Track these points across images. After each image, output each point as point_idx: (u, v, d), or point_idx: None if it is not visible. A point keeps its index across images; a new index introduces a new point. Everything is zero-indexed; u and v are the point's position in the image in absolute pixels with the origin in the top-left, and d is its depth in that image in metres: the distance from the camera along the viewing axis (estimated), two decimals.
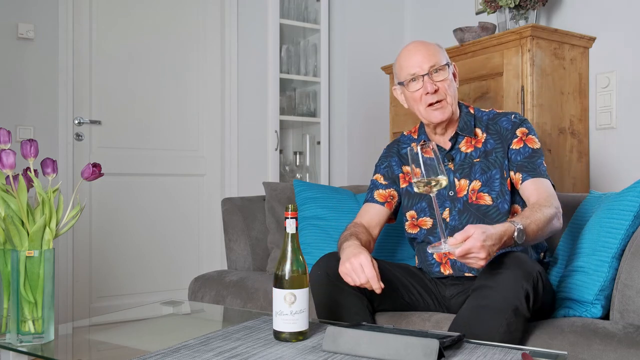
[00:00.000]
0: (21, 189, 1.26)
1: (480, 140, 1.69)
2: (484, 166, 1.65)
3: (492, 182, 1.63)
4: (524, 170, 1.60)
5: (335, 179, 3.55)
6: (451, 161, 1.69)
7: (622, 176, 2.56)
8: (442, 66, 1.64)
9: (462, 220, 1.63)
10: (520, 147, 1.64)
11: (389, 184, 1.79)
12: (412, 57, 1.65)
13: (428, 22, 3.58)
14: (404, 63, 1.67)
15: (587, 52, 2.69)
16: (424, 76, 1.62)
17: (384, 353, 1.10)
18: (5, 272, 1.31)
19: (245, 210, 2.41)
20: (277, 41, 3.40)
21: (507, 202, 1.62)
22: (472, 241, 1.25)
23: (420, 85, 1.64)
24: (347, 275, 1.43)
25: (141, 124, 3.18)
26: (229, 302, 2.08)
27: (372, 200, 1.79)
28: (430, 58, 1.63)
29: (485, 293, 1.35)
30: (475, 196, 1.64)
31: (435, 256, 1.68)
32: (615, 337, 1.30)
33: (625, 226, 1.48)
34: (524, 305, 1.32)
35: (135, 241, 3.15)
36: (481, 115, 1.74)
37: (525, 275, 1.34)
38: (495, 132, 1.69)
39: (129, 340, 1.48)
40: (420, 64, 1.63)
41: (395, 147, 1.85)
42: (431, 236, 1.70)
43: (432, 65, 1.62)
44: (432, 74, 1.62)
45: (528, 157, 1.62)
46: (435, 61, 1.63)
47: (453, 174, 1.67)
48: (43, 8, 2.88)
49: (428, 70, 1.62)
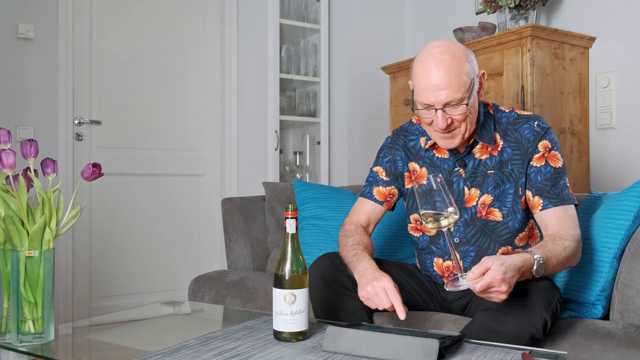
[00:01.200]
0: (21, 189, 1.26)
1: (497, 148, 1.54)
2: (498, 179, 1.52)
3: (504, 197, 1.51)
4: (546, 195, 1.46)
5: (335, 179, 3.55)
6: (463, 167, 1.55)
7: (622, 176, 2.56)
8: (462, 98, 1.40)
9: (467, 234, 1.54)
10: (541, 165, 1.49)
11: (390, 180, 1.67)
12: (430, 82, 1.40)
13: (428, 22, 3.58)
14: (419, 84, 1.44)
15: (587, 52, 2.69)
16: (437, 109, 1.42)
17: (384, 353, 1.10)
18: (5, 272, 1.31)
19: (245, 210, 2.41)
20: (277, 41, 3.40)
21: (518, 220, 1.51)
22: (493, 274, 1.17)
23: (432, 115, 1.44)
24: (369, 300, 1.37)
25: (141, 124, 3.18)
26: (229, 302, 2.08)
27: (371, 197, 1.68)
28: (449, 91, 1.39)
29: (500, 318, 1.29)
30: (485, 211, 1.52)
31: (436, 269, 1.62)
32: (615, 337, 1.30)
33: (625, 226, 1.48)
34: (541, 333, 1.29)
35: (135, 241, 3.15)
36: (500, 117, 1.57)
37: (545, 304, 1.29)
38: (515, 140, 1.52)
39: (129, 340, 1.47)
40: (437, 95, 1.40)
41: (401, 139, 1.68)
42: (433, 246, 1.61)
43: (449, 101, 1.40)
44: (447, 107, 1.41)
45: (550, 179, 1.47)
46: (453, 96, 1.39)
47: (464, 181, 1.55)
48: (43, 8, 2.88)
49: (443, 104, 1.41)
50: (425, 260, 1.66)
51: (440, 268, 1.61)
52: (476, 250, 1.55)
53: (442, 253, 1.60)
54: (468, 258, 1.56)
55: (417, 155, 1.65)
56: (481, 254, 1.52)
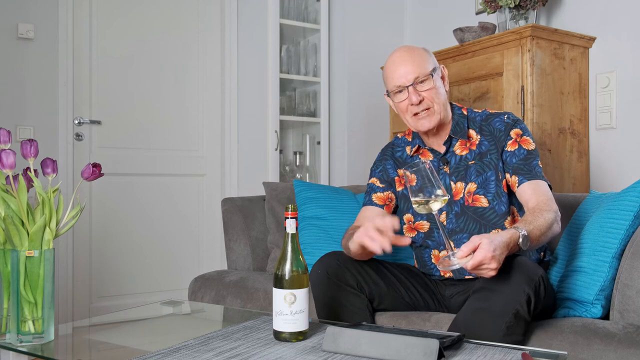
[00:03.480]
0: (21, 189, 1.26)
1: (475, 143, 1.69)
2: (479, 168, 1.65)
3: (487, 184, 1.63)
4: (520, 172, 1.60)
5: (335, 179, 3.55)
6: (446, 165, 1.69)
7: (622, 176, 2.56)
8: (427, 75, 1.62)
9: (460, 224, 1.64)
10: (515, 149, 1.63)
11: (385, 186, 1.79)
12: (397, 68, 1.64)
13: (428, 22, 3.58)
14: (389, 74, 1.68)
15: (587, 52, 2.69)
16: (408, 87, 1.62)
17: (384, 353, 1.10)
18: (5, 272, 1.31)
19: (245, 210, 2.41)
20: (277, 41, 3.40)
21: (504, 203, 1.62)
22: (483, 252, 1.24)
23: (405, 97, 1.64)
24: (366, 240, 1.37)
25: (141, 124, 3.18)
26: (229, 302, 2.08)
27: (371, 203, 1.78)
28: (414, 69, 1.62)
29: (486, 296, 1.34)
30: (472, 198, 1.63)
31: (434, 260, 1.68)
32: (615, 337, 1.30)
33: (625, 226, 1.48)
34: (525, 309, 1.31)
35: (135, 241, 3.15)
36: (474, 116, 1.73)
37: (527, 279, 1.33)
38: (489, 133, 1.68)
39: (129, 340, 1.48)
40: (405, 74, 1.62)
41: (389, 150, 1.85)
42: (429, 240, 1.69)
43: (416, 77, 1.61)
44: (416, 85, 1.62)
45: (523, 159, 1.61)
46: (420, 72, 1.62)
47: (449, 177, 1.67)
48: (43, 8, 2.88)
49: (413, 81, 1.62)
50: (423, 256, 1.72)
51: (438, 259, 1.68)
52: (468, 237, 1.59)
53: (437, 245, 1.69)
54: (462, 245, 1.59)
55: (404, 163, 1.79)
56: None
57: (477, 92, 2.71)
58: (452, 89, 2.85)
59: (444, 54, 2.85)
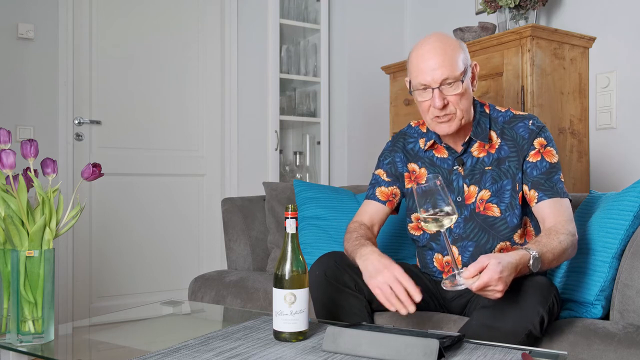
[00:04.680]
0: (21, 189, 1.26)
1: (494, 146, 1.59)
2: (496, 175, 1.56)
3: (502, 193, 1.55)
4: (540, 188, 1.51)
5: (335, 179, 3.55)
6: (461, 165, 1.60)
7: (622, 176, 2.56)
8: (457, 77, 1.48)
9: (467, 230, 1.58)
10: (537, 160, 1.53)
11: (392, 181, 1.71)
12: (426, 63, 1.49)
13: (428, 22, 3.58)
14: (415, 67, 1.52)
15: (587, 52, 2.69)
16: (434, 89, 1.49)
17: (384, 353, 1.10)
18: (5, 272, 1.31)
19: (245, 210, 2.41)
20: (277, 41, 3.40)
21: (516, 216, 1.54)
22: (490, 274, 1.19)
23: (429, 97, 1.51)
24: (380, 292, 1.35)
25: (141, 124, 3.18)
26: (229, 302, 2.08)
27: (374, 197, 1.72)
28: (444, 69, 1.47)
29: (497, 314, 1.30)
30: (484, 206, 1.56)
31: (436, 264, 1.64)
32: (615, 337, 1.30)
33: (625, 226, 1.48)
34: (538, 329, 1.30)
35: (135, 241, 3.15)
36: (497, 116, 1.62)
37: (542, 300, 1.30)
38: (511, 138, 1.58)
39: (129, 340, 1.47)
40: (433, 74, 1.47)
41: (401, 142, 1.74)
42: (433, 242, 1.64)
43: (445, 78, 1.47)
44: (443, 86, 1.48)
45: (545, 173, 1.52)
46: (449, 73, 1.47)
47: (463, 179, 1.59)
48: (43, 8, 2.88)
49: (440, 82, 1.47)
50: (425, 257, 1.68)
51: (440, 263, 1.64)
52: (474, 246, 1.58)
53: (441, 249, 1.64)
54: (466, 253, 1.58)
55: (416, 156, 1.70)
56: (479, 249, 1.56)
57: (477, 92, 2.71)
58: None
59: None
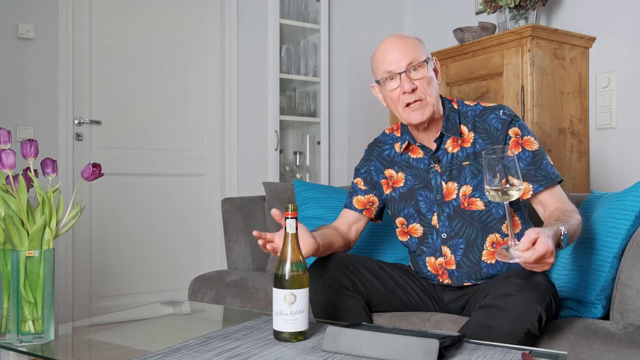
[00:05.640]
0: (21, 189, 1.26)
1: (468, 140, 1.59)
2: (474, 169, 1.56)
3: (483, 186, 1.55)
4: (533, 180, 1.51)
5: (335, 179, 3.55)
6: (437, 163, 1.61)
7: (622, 176, 2.56)
8: (421, 63, 1.52)
9: (455, 228, 1.58)
10: (519, 152, 1.54)
11: (368, 189, 1.73)
12: (389, 53, 1.53)
13: (428, 22, 3.58)
14: (380, 59, 1.56)
15: (587, 52, 2.69)
16: (400, 74, 1.51)
17: (384, 353, 1.10)
18: (5, 272, 1.31)
19: (245, 210, 2.41)
20: (277, 41, 3.40)
21: (501, 207, 1.55)
22: (544, 246, 1.19)
23: (397, 84, 1.52)
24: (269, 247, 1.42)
25: (141, 124, 3.18)
26: (229, 302, 2.08)
27: (350, 206, 1.73)
28: (408, 54, 1.51)
29: (495, 313, 1.30)
30: (467, 202, 1.56)
31: (429, 268, 1.63)
32: (615, 337, 1.30)
33: (626, 226, 1.48)
34: (536, 327, 1.30)
35: (135, 241, 3.15)
36: (466, 110, 1.63)
37: (539, 298, 1.30)
38: (484, 131, 1.58)
39: (129, 340, 1.47)
40: (397, 60, 1.51)
41: (376, 150, 1.76)
42: (423, 246, 1.64)
43: (409, 63, 1.51)
44: (409, 72, 1.51)
45: (531, 163, 1.53)
46: (413, 57, 1.51)
47: (440, 176, 1.60)
48: (43, 8, 2.88)
49: (405, 67, 1.51)
50: (418, 262, 1.67)
51: (434, 267, 1.63)
52: (465, 242, 1.58)
53: (432, 251, 1.63)
54: (458, 251, 1.58)
55: (392, 161, 1.71)
56: (470, 246, 1.57)
57: (477, 92, 2.71)
58: (452, 89, 2.86)
59: (444, 54, 2.85)
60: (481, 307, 1.35)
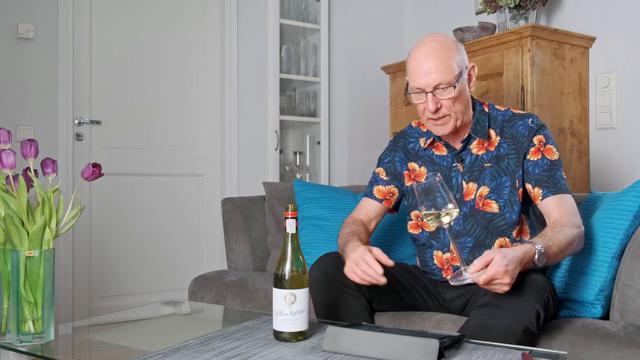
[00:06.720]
0: (21, 189, 1.26)
1: (493, 143, 1.61)
2: (495, 172, 1.58)
3: (501, 190, 1.57)
4: (544, 185, 1.53)
5: (335, 179, 3.55)
6: (460, 162, 1.63)
7: (622, 176, 2.56)
8: (451, 82, 1.51)
9: (466, 226, 1.59)
10: (538, 158, 1.56)
11: (390, 179, 1.75)
12: (421, 67, 1.53)
13: (428, 22, 3.58)
14: (411, 71, 1.56)
15: (587, 52, 2.69)
16: (427, 93, 1.53)
17: (384, 353, 1.10)
18: (5, 272, 1.31)
19: (245, 210, 2.41)
20: (277, 41, 3.40)
21: (515, 212, 1.56)
22: (495, 267, 1.21)
23: (423, 100, 1.55)
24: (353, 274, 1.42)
25: (141, 124, 3.18)
26: (229, 302, 2.08)
27: (371, 195, 1.75)
28: (438, 74, 1.50)
29: (494, 312, 1.31)
30: (482, 202, 1.58)
31: (436, 261, 1.66)
32: (615, 337, 1.30)
33: (625, 226, 1.48)
34: (534, 325, 1.30)
35: (135, 241, 3.15)
36: (496, 115, 1.65)
37: (537, 296, 1.31)
38: (511, 136, 1.60)
39: (129, 340, 1.48)
40: (427, 78, 1.51)
41: (401, 141, 1.78)
42: (433, 240, 1.66)
43: (438, 84, 1.51)
44: (437, 91, 1.52)
45: (547, 171, 1.54)
46: (442, 79, 1.51)
47: (462, 176, 1.62)
48: (43, 8, 2.88)
49: (433, 87, 1.52)
50: (425, 255, 1.69)
51: (440, 261, 1.65)
52: (473, 242, 1.59)
53: (441, 246, 1.65)
54: (465, 249, 1.60)
55: (416, 155, 1.73)
56: (478, 245, 1.58)
57: (477, 92, 2.71)
58: None
59: None
60: (480, 306, 1.36)
